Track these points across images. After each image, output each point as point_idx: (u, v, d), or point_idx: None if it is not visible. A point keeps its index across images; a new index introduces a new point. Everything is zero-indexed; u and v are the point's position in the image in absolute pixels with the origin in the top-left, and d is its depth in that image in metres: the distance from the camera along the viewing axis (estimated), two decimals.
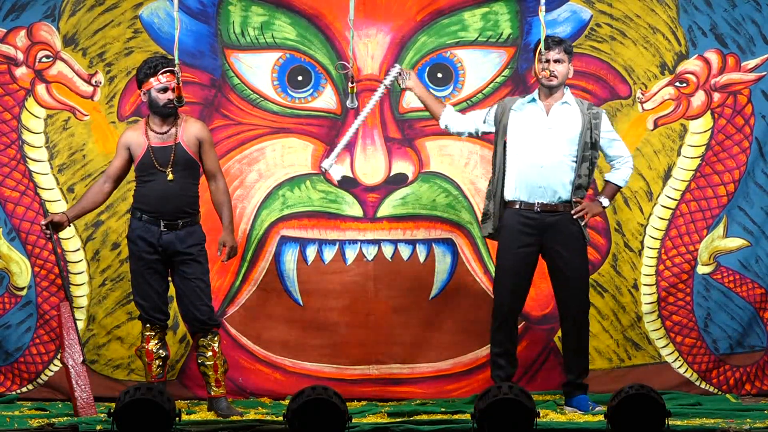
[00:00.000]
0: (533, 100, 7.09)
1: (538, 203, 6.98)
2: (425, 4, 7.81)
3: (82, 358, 6.98)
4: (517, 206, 7.01)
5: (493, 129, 7.12)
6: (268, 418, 6.80)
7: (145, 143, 6.98)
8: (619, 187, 7.18)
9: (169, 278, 7.08)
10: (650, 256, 7.79)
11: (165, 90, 6.95)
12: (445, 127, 7.23)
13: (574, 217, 6.97)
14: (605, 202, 7.12)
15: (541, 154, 6.97)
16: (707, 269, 7.80)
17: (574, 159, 6.97)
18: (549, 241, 6.99)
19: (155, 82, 6.96)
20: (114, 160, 7.11)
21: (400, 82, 7.22)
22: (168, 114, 6.99)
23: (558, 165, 6.96)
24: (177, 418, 5.72)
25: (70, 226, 7.25)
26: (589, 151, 6.98)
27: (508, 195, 7.03)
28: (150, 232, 6.96)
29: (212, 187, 7.10)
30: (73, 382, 6.91)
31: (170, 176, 6.95)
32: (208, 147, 7.06)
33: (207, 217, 7.17)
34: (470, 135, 7.23)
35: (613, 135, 7.11)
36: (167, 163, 6.96)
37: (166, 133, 7.00)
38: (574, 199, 6.98)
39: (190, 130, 7.03)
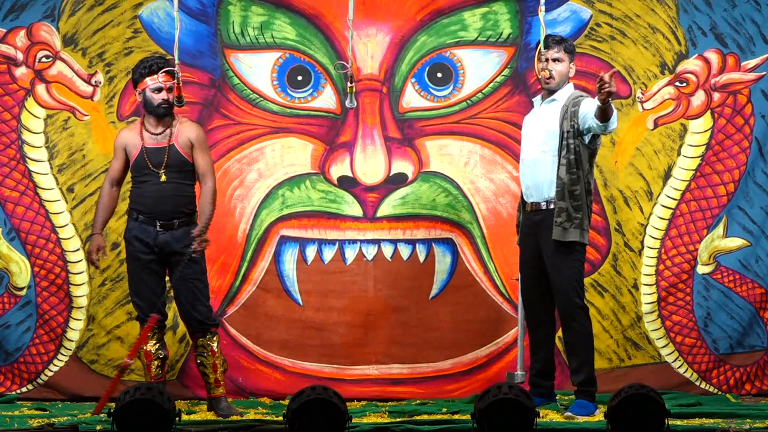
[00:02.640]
0: (534, 103, 7.12)
1: (530, 203, 7.00)
2: (425, 4, 7.80)
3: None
4: (524, 208, 7.05)
5: None
6: (268, 418, 6.80)
7: (140, 144, 6.98)
8: (599, 105, 6.53)
9: (167, 278, 7.08)
10: (650, 256, 7.78)
11: (159, 90, 6.94)
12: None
13: (604, 83, 6.40)
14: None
15: (527, 154, 7.01)
16: (707, 269, 7.79)
17: (555, 154, 6.92)
18: (539, 240, 6.97)
19: (150, 82, 6.94)
20: (113, 163, 7.10)
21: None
22: (162, 114, 6.97)
23: (540, 163, 6.93)
24: (177, 418, 5.72)
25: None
26: (572, 139, 6.81)
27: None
28: (146, 233, 6.95)
29: (202, 188, 7.07)
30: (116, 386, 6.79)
31: (163, 177, 6.94)
32: (199, 148, 6.99)
33: None
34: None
35: (584, 107, 6.74)
36: (161, 164, 6.95)
37: (160, 134, 6.98)
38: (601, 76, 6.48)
39: (184, 132, 7.01)
